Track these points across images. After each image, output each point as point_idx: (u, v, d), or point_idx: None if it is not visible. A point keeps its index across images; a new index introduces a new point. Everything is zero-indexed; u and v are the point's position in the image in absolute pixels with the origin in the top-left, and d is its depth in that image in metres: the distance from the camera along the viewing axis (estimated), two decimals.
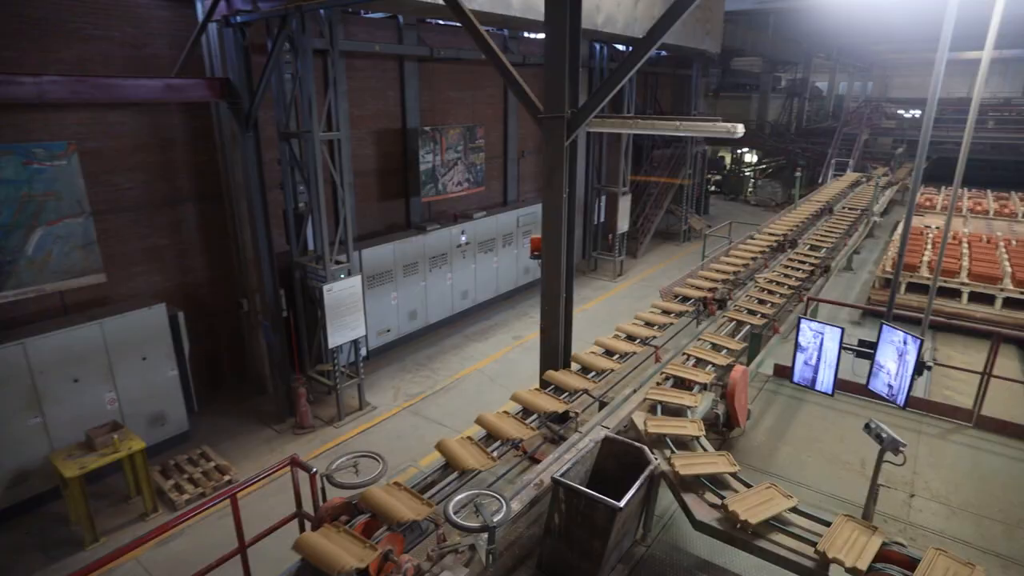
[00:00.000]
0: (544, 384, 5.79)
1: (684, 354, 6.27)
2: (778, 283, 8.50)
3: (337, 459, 4.49)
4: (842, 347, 5.18)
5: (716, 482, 4.29)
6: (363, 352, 9.79)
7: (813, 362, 5.34)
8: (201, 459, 8.25)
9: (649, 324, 6.94)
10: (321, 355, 9.75)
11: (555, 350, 6.08)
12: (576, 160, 5.69)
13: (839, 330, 5.14)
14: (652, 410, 5.21)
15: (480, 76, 13.77)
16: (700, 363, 5.98)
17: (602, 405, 5.66)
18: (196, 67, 8.74)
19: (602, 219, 17.16)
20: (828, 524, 3.74)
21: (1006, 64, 37.53)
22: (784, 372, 6.83)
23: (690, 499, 4.21)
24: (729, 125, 4.90)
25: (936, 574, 3.25)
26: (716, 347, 6.36)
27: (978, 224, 16.48)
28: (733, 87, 31.39)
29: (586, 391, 5.59)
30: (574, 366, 6.12)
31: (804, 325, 5.34)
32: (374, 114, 11.71)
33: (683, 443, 4.75)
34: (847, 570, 3.41)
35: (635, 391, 5.65)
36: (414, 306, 12.08)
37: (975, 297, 11.12)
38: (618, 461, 4.66)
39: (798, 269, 9.25)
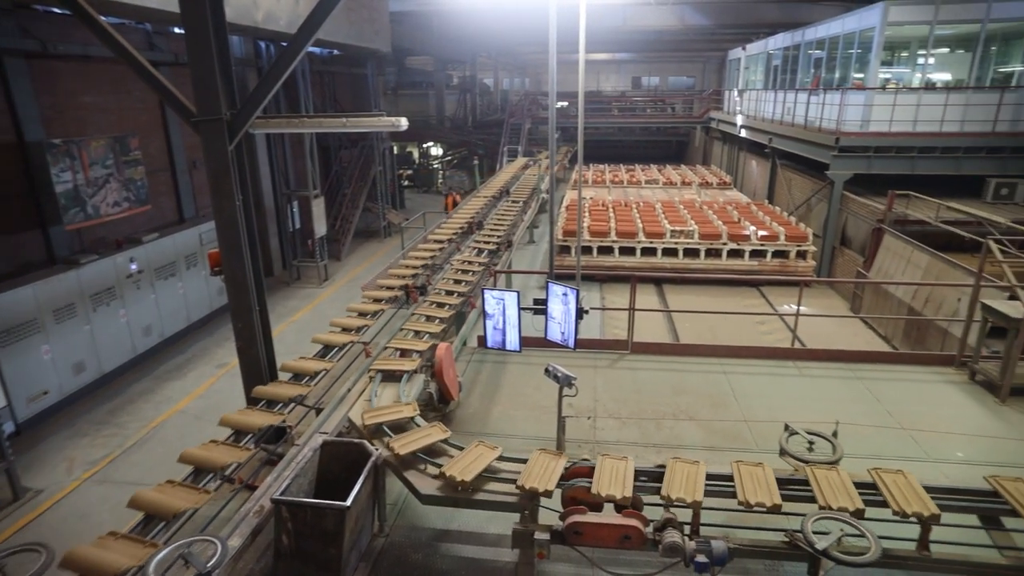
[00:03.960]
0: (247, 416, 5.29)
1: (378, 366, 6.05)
2: (469, 263, 9.29)
3: None
4: (521, 308, 5.91)
5: (434, 453, 4.54)
6: (8, 427, 7.77)
7: (500, 326, 5.98)
8: None
9: (347, 329, 6.78)
10: None
11: (258, 368, 5.69)
12: (252, 164, 5.35)
13: (515, 294, 5.86)
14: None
15: (127, 78, 11.86)
16: (406, 353, 6.16)
17: (318, 411, 5.50)
18: None
19: (298, 225, 16.47)
20: (526, 461, 4.28)
21: (619, 64, 46.87)
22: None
23: (413, 476, 4.39)
24: (393, 119, 5.14)
25: (605, 473, 4.00)
26: (406, 353, 6.24)
27: (618, 192, 20.38)
28: (411, 85, 32.95)
29: (273, 426, 5.16)
30: (281, 383, 5.77)
31: (487, 295, 5.94)
32: None
33: (401, 427, 4.90)
34: (541, 494, 3.93)
35: (349, 390, 5.63)
36: (79, 356, 9.97)
37: (624, 251, 13.78)
38: (341, 462, 4.61)
39: (483, 251, 10.22)
